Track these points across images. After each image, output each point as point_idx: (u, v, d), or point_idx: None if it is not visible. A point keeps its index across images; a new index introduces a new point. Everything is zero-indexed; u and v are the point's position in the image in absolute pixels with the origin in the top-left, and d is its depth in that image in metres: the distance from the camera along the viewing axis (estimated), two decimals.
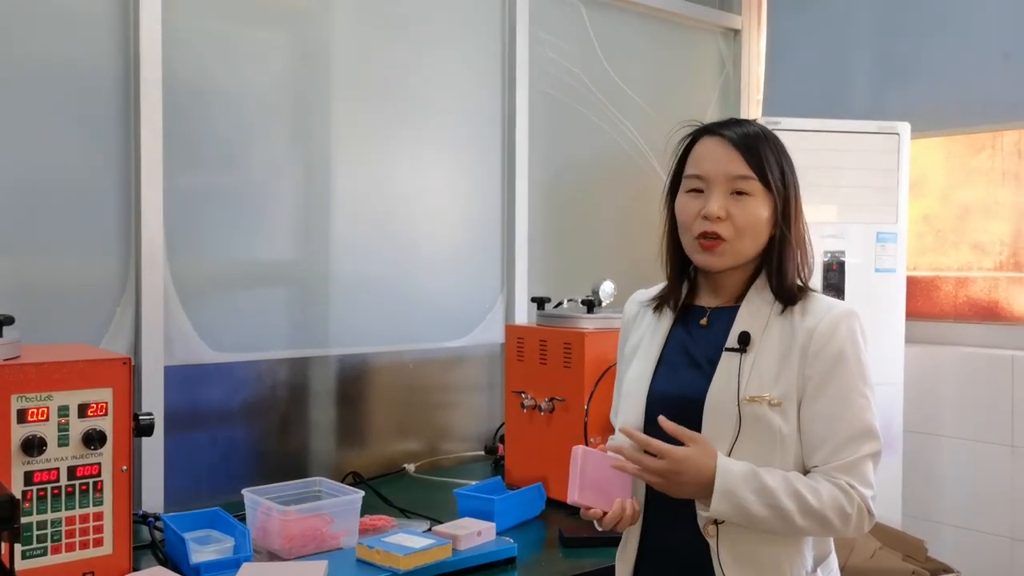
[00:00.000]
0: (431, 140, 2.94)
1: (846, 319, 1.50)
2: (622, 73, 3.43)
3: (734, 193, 1.51)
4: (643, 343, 1.65)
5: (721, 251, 1.52)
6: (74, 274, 2.28)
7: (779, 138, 1.59)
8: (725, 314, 1.58)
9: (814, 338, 1.49)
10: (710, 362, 1.54)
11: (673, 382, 1.57)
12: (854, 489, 1.44)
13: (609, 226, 3.43)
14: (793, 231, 1.55)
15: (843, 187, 3.07)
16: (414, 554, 1.81)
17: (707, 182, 1.53)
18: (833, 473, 1.46)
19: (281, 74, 2.63)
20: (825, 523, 1.44)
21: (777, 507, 1.42)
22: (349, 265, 2.75)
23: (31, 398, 1.55)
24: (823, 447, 1.47)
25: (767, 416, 1.48)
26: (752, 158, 1.51)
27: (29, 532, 1.55)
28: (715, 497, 1.42)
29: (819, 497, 1.43)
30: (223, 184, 2.52)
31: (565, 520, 2.28)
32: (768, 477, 1.44)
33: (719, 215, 1.50)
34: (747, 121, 1.60)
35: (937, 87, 3.29)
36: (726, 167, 1.52)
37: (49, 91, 2.23)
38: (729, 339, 1.54)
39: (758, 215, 1.52)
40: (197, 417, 2.48)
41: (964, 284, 3.31)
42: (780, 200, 1.53)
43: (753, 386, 1.49)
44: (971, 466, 3.12)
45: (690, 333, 1.61)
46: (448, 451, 3.00)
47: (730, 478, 1.43)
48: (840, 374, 1.48)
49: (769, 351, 1.51)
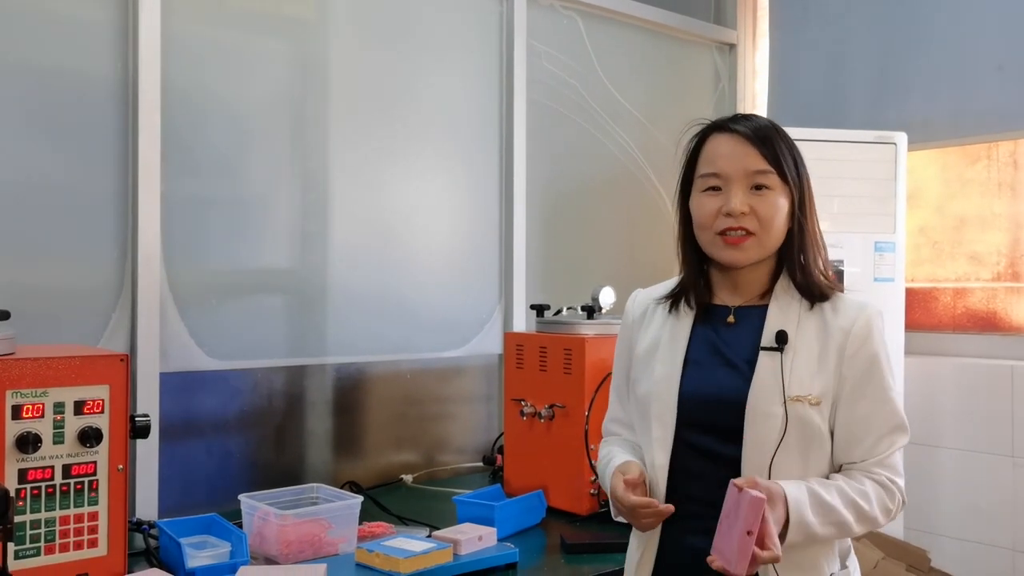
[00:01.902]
0: (429, 150, 2.94)
1: (877, 320, 1.52)
2: (618, 85, 3.45)
3: (754, 188, 1.50)
4: (662, 343, 1.59)
5: (747, 246, 1.51)
6: (70, 280, 2.26)
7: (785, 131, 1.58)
8: (752, 312, 1.56)
9: (850, 339, 1.49)
10: (746, 362, 1.51)
11: (707, 383, 1.53)
12: (894, 483, 1.48)
13: (606, 236, 3.42)
14: (808, 224, 1.54)
15: (841, 197, 3.07)
16: (414, 557, 1.78)
17: (725, 179, 1.51)
18: (873, 469, 1.48)
19: (279, 83, 2.63)
20: (874, 523, 1.48)
21: (839, 523, 1.44)
22: (346, 274, 2.74)
23: (26, 394, 1.52)
24: (861, 444, 1.48)
25: (809, 415, 1.46)
26: (768, 151, 1.50)
27: (22, 531, 1.51)
28: (791, 531, 1.40)
29: (869, 501, 1.46)
30: (221, 192, 2.51)
31: (566, 527, 2.26)
32: (825, 493, 1.44)
33: (743, 211, 1.49)
34: (755, 116, 1.59)
35: (932, 99, 3.31)
36: (744, 162, 1.50)
37: (48, 96, 2.22)
38: (764, 337, 1.51)
39: (780, 207, 1.50)
40: (192, 425, 2.45)
41: (962, 295, 3.31)
42: (797, 192, 1.52)
43: (795, 385, 1.47)
44: (972, 477, 3.10)
45: (717, 332, 1.57)
46: (446, 462, 2.97)
47: (800, 509, 1.41)
48: (876, 375, 1.49)
49: (806, 349, 1.49)
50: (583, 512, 2.32)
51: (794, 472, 1.47)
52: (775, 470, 1.46)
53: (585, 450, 2.29)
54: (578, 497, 2.33)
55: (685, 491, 1.51)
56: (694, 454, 1.52)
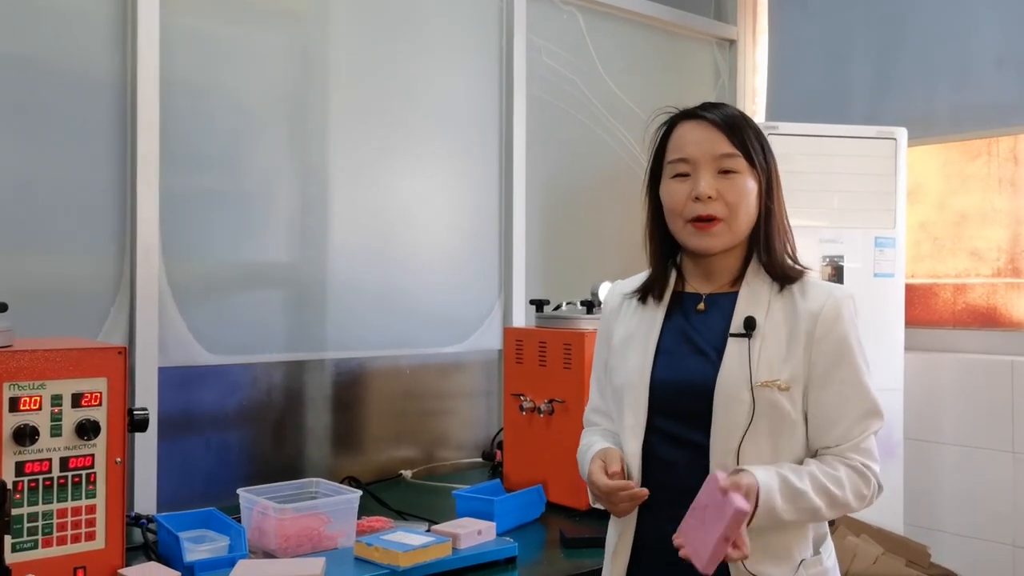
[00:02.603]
0: (428, 144, 2.93)
1: (847, 302, 1.52)
2: (618, 81, 3.44)
3: (721, 172, 1.51)
4: (637, 334, 1.61)
5: (716, 231, 1.51)
6: (68, 274, 2.25)
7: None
8: (722, 299, 1.57)
9: (819, 323, 1.49)
10: (715, 348, 1.52)
11: (677, 370, 1.54)
12: (868, 469, 1.48)
13: (606, 231, 3.42)
14: (776, 209, 1.55)
15: (841, 192, 3.07)
16: (414, 551, 1.77)
17: (693, 164, 1.52)
18: (847, 454, 1.48)
19: (278, 77, 2.62)
20: (847, 509, 1.48)
21: (809, 509, 1.44)
22: (346, 269, 2.73)
23: (23, 386, 1.52)
24: (834, 429, 1.49)
25: (778, 400, 1.47)
26: (735, 136, 1.52)
27: (20, 524, 1.50)
28: (758, 516, 1.40)
29: (842, 486, 1.46)
30: (220, 186, 2.50)
31: (566, 522, 2.25)
32: (796, 479, 1.43)
33: (710, 194, 1.50)
34: (722, 104, 1.60)
35: (932, 94, 3.31)
36: (711, 147, 1.52)
37: (46, 89, 2.21)
38: (733, 324, 1.52)
39: (748, 191, 1.52)
40: (191, 420, 2.44)
41: (962, 291, 3.30)
42: (764, 177, 1.54)
43: (763, 371, 1.47)
44: (972, 473, 3.10)
45: (688, 320, 1.58)
46: (445, 458, 2.96)
47: (770, 496, 1.41)
48: (846, 359, 1.49)
49: (774, 334, 1.50)
50: (583, 507, 2.32)
51: (764, 458, 1.47)
52: (744, 456, 1.46)
53: None
54: (578, 492, 2.32)
55: (658, 478, 1.52)
56: (666, 441, 1.53)
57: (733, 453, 1.46)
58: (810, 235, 3.01)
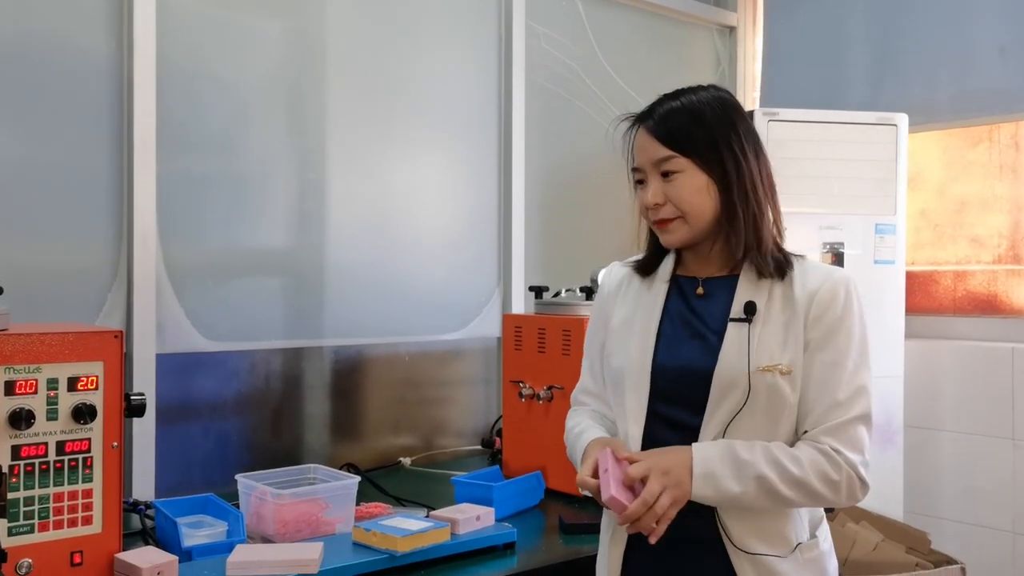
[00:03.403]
0: (427, 131, 2.92)
1: (844, 284, 1.51)
2: (618, 68, 3.42)
3: (664, 175, 1.53)
4: (636, 317, 1.61)
5: (674, 227, 1.54)
6: (64, 259, 2.24)
7: (718, 102, 1.55)
8: (722, 283, 1.56)
9: (815, 303, 1.48)
10: (715, 333, 1.52)
11: (677, 355, 1.54)
12: (839, 454, 1.43)
13: (605, 218, 3.40)
14: (740, 193, 1.51)
15: (841, 179, 3.05)
16: (412, 536, 1.77)
17: (643, 172, 1.56)
18: (819, 438, 1.45)
19: (276, 61, 2.61)
20: (811, 491, 1.43)
21: (758, 478, 1.41)
22: (344, 255, 2.72)
23: (19, 370, 1.51)
24: (812, 412, 1.47)
25: (779, 385, 1.46)
26: (669, 140, 1.51)
27: (16, 508, 1.50)
28: (695, 483, 1.40)
29: (800, 464, 1.42)
30: (218, 171, 2.49)
31: (565, 508, 2.25)
32: (744, 451, 1.43)
33: (655, 202, 1.53)
34: (674, 95, 1.58)
35: (934, 81, 3.29)
36: (648, 155, 1.54)
37: (41, 72, 2.20)
38: (734, 309, 1.51)
39: (692, 187, 1.51)
40: (189, 407, 2.44)
41: (963, 278, 3.29)
42: (716, 167, 1.51)
43: (763, 356, 1.46)
44: (972, 460, 3.10)
45: (688, 304, 1.58)
46: (444, 445, 2.96)
47: (707, 462, 1.41)
48: (835, 341, 1.48)
49: (774, 319, 1.50)
50: (581, 493, 2.31)
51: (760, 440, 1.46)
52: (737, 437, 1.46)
53: None
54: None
55: None
56: (666, 425, 1.53)
57: (719, 435, 1.47)
58: (810, 222, 3.00)
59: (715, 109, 1.54)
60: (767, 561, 1.46)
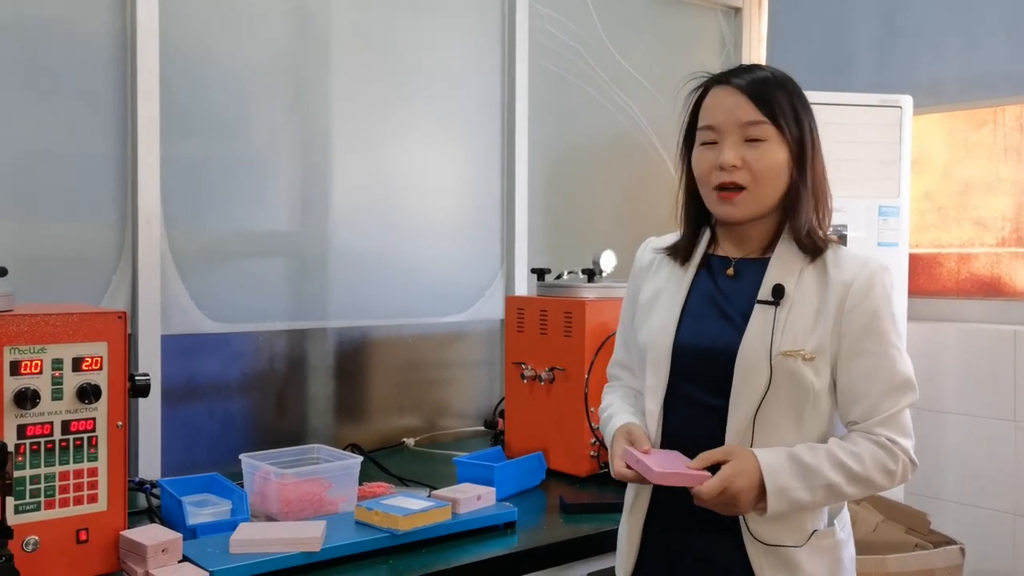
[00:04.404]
0: (431, 113, 2.92)
1: (880, 275, 1.49)
2: (622, 50, 3.41)
3: (748, 141, 1.48)
4: (664, 293, 1.61)
5: (740, 200, 1.49)
6: (69, 241, 2.26)
7: (794, 81, 1.55)
8: (754, 265, 1.55)
9: (851, 293, 1.47)
10: (742, 314, 1.51)
11: (701, 334, 1.54)
12: (895, 443, 1.44)
13: (608, 200, 3.41)
14: (810, 176, 1.51)
15: (845, 161, 3.04)
16: (413, 515, 1.79)
17: (719, 132, 1.51)
18: (873, 429, 1.45)
19: (279, 44, 2.61)
20: (871, 484, 1.45)
21: (825, 486, 1.41)
22: (348, 237, 2.73)
23: (24, 350, 1.53)
24: (861, 403, 1.47)
25: (801, 371, 1.45)
26: (762, 103, 1.48)
27: (22, 487, 1.52)
28: (771, 501, 1.40)
29: (862, 461, 1.43)
30: (221, 153, 2.50)
31: (566, 488, 2.27)
32: (808, 456, 1.42)
33: (735, 163, 1.48)
34: (757, 66, 1.57)
35: (939, 62, 3.27)
36: (737, 115, 1.49)
37: (45, 55, 2.20)
38: (762, 291, 1.50)
39: (775, 159, 1.48)
40: (194, 388, 2.46)
41: (966, 260, 3.29)
42: (795, 144, 1.49)
43: (787, 340, 1.46)
44: (974, 442, 3.10)
45: (717, 284, 1.57)
46: (447, 426, 2.97)
47: (776, 475, 1.40)
48: (877, 330, 1.47)
49: (803, 304, 1.48)
50: (583, 474, 2.33)
51: (786, 430, 1.46)
52: (763, 426, 1.46)
53: (585, 412, 2.29)
54: (578, 459, 2.34)
55: (676, 440, 1.52)
56: (685, 403, 1.53)
57: (749, 420, 1.46)
58: None
59: (794, 86, 1.54)
60: (780, 550, 1.47)
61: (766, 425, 1.46)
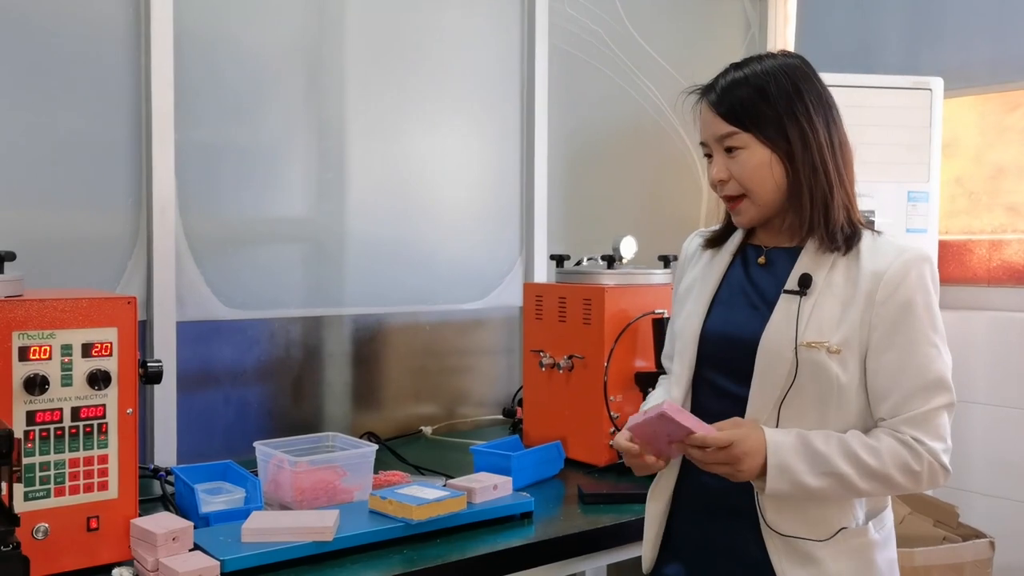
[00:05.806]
0: (448, 97, 2.88)
1: (916, 264, 1.42)
2: (644, 33, 3.35)
3: (728, 151, 1.49)
4: (699, 282, 1.62)
5: (742, 208, 1.52)
6: (84, 228, 2.24)
7: (786, 70, 1.48)
8: (786, 255, 1.52)
9: (882, 284, 1.41)
10: (769, 304, 1.49)
11: (728, 322, 1.53)
12: (921, 444, 1.38)
13: (629, 186, 3.35)
14: (812, 163, 1.45)
15: (873, 145, 2.97)
16: (428, 504, 1.75)
17: (709, 147, 1.54)
18: (899, 427, 1.40)
19: (295, 29, 2.58)
20: (890, 482, 1.39)
21: (834, 474, 1.37)
22: (364, 224, 2.70)
23: (33, 335, 1.51)
24: (888, 399, 1.41)
25: (825, 363, 1.41)
26: (729, 114, 1.47)
27: (32, 473, 1.50)
28: (770, 475, 1.37)
29: (879, 456, 1.37)
30: (236, 139, 2.48)
31: (584, 478, 2.23)
32: (819, 442, 1.38)
33: (721, 178, 1.51)
34: (740, 64, 1.52)
35: (970, 43, 3.19)
36: (712, 130, 1.51)
37: (59, 41, 2.19)
38: (789, 281, 1.48)
39: (756, 162, 1.47)
40: (210, 374, 2.44)
41: (998, 247, 3.20)
42: (781, 139, 1.45)
43: (812, 331, 1.42)
44: (1004, 434, 3.03)
45: (748, 273, 1.56)
46: (466, 415, 2.95)
47: (780, 452, 1.37)
48: (908, 323, 1.40)
49: (832, 295, 1.44)
50: (601, 463, 2.29)
51: (810, 424, 1.42)
52: (787, 418, 1.43)
53: (604, 401, 2.25)
54: (596, 448, 2.30)
55: None
56: (710, 392, 1.53)
57: (772, 412, 1.43)
58: None
59: (780, 79, 1.47)
60: (800, 543, 1.43)
61: (790, 417, 1.42)
